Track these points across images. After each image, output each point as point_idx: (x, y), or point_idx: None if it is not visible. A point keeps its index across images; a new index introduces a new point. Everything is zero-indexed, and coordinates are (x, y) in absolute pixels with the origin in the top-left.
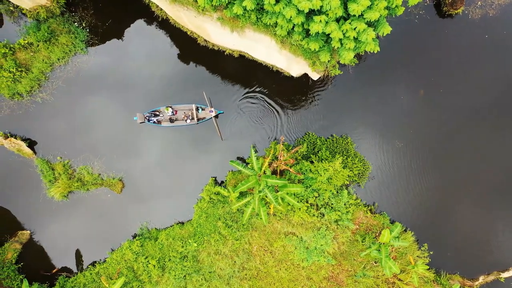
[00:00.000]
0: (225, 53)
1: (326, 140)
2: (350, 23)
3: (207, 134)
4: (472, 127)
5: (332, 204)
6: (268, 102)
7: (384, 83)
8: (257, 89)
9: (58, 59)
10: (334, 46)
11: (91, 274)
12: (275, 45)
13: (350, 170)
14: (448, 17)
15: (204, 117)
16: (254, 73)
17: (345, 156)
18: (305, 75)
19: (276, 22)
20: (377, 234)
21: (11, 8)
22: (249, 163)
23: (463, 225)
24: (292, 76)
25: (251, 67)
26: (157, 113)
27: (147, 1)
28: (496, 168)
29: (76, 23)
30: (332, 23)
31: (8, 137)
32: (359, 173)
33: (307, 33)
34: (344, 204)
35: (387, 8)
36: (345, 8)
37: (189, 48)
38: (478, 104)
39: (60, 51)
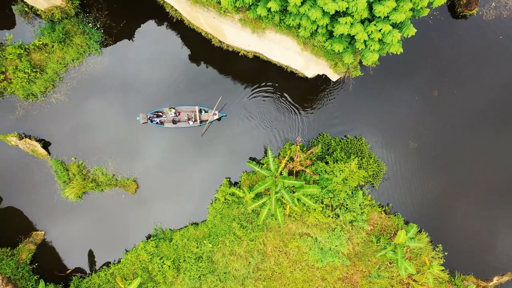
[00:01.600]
0: (240, 54)
1: (341, 141)
2: (375, 24)
3: (217, 135)
4: (488, 128)
5: (347, 205)
6: (280, 103)
7: (398, 84)
8: (270, 89)
9: (73, 60)
10: (358, 48)
11: (105, 274)
12: (297, 46)
13: (365, 171)
14: (462, 18)
15: (207, 119)
16: (267, 74)
17: (359, 157)
18: (319, 76)
19: (300, 23)
20: (392, 235)
21: (26, 9)
22: (263, 164)
23: (477, 226)
24: (306, 77)
25: (264, 68)
26: (160, 113)
27: (161, 2)
28: None
29: (90, 24)
30: (357, 25)
31: (22, 138)
32: (374, 174)
33: (330, 34)
34: (359, 205)
35: (411, 9)
36: (370, 10)
37: (203, 48)
38: (493, 105)
39: (75, 52)
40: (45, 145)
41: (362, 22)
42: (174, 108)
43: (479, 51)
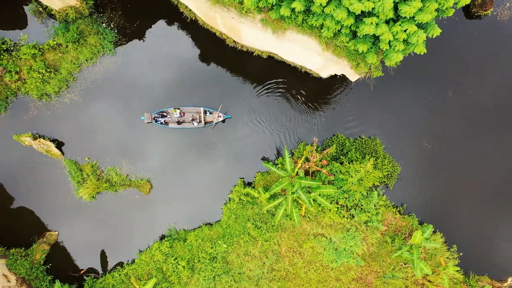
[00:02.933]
0: (254, 54)
1: (355, 141)
2: (400, 24)
3: (228, 135)
4: (504, 128)
5: (362, 205)
6: (293, 103)
7: (412, 84)
8: (282, 90)
9: (86, 60)
10: (382, 48)
11: (119, 275)
12: (318, 47)
13: (380, 171)
14: (476, 18)
15: (212, 121)
16: (280, 74)
17: (374, 157)
18: (334, 76)
19: (323, 23)
20: (407, 236)
21: (40, 9)
22: (277, 164)
23: (492, 226)
24: (320, 77)
25: (278, 68)
26: (165, 114)
27: (175, 2)
28: None
29: (104, 24)
30: (382, 25)
31: (37, 138)
32: (388, 174)
33: (353, 34)
34: (374, 206)
35: (436, 10)
36: (395, 10)
37: (216, 49)
38: (508, 105)
39: (89, 52)
40: (59, 145)
41: (387, 22)
42: (179, 108)
43: (493, 52)
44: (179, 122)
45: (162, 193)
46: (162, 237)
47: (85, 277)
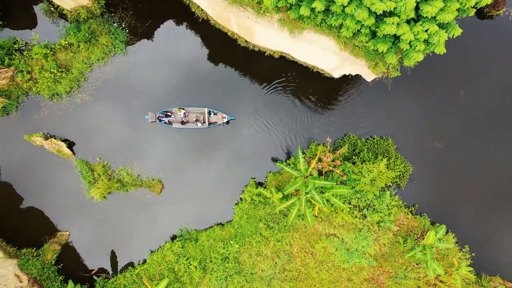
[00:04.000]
0: (265, 54)
1: (367, 141)
2: (421, 24)
3: (237, 135)
4: None
5: (374, 205)
6: (304, 103)
7: (424, 85)
8: (293, 90)
9: (98, 60)
10: (403, 48)
11: (131, 275)
12: (335, 46)
13: (392, 172)
14: (488, 18)
15: (216, 122)
16: (291, 74)
17: (386, 157)
18: (345, 76)
19: (342, 23)
20: (419, 236)
21: (52, 8)
22: (289, 164)
23: (503, 226)
24: (332, 78)
25: (289, 68)
26: (169, 113)
27: (187, 2)
28: None
29: (115, 24)
30: (403, 25)
31: (48, 138)
32: (400, 175)
33: (372, 34)
34: (387, 206)
35: (457, 9)
36: (415, 10)
37: (227, 49)
38: None
39: (100, 51)
40: (69, 145)
41: (407, 22)
42: (183, 108)
43: (505, 52)
44: (183, 122)
45: (173, 193)
46: (173, 237)
47: (94, 277)
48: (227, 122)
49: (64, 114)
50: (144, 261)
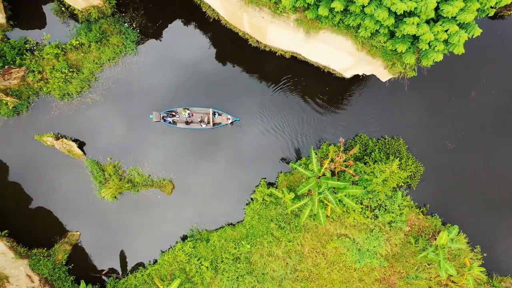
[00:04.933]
0: (277, 54)
1: (378, 142)
2: (441, 24)
3: (246, 136)
4: None
5: (386, 205)
6: (315, 103)
7: (435, 84)
8: (303, 90)
9: (109, 60)
10: (422, 48)
11: (142, 275)
12: (351, 46)
13: (404, 172)
14: (499, 18)
15: (220, 123)
16: (301, 74)
17: (398, 158)
18: (357, 76)
19: (360, 23)
20: (430, 236)
21: (63, 8)
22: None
23: None
24: (343, 78)
25: (299, 68)
26: (174, 113)
27: (198, 2)
28: None
29: (126, 24)
30: (423, 25)
31: (59, 138)
32: (411, 175)
33: (391, 34)
34: (398, 206)
35: (476, 10)
36: (435, 10)
37: (237, 49)
38: None
39: (111, 51)
40: (80, 145)
41: (427, 22)
42: (188, 109)
43: None
44: (187, 123)
45: (183, 193)
46: (184, 238)
47: (103, 278)
48: (232, 123)
49: (74, 114)
50: (155, 261)
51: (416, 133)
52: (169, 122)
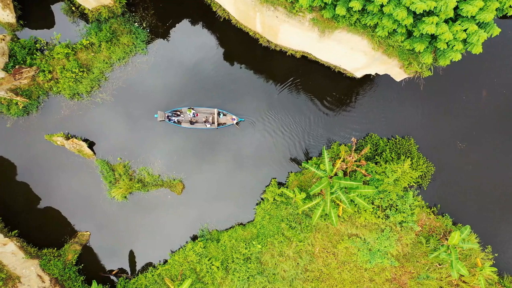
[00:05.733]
0: (287, 54)
1: (389, 141)
2: (460, 24)
3: (254, 137)
4: None
5: (397, 205)
6: (324, 103)
7: (445, 84)
8: (312, 89)
9: (119, 60)
10: (440, 48)
11: (152, 275)
12: (366, 46)
13: (415, 172)
14: (510, 18)
15: (225, 123)
16: (311, 74)
17: (409, 157)
18: (367, 76)
19: (377, 23)
20: (441, 236)
21: (73, 8)
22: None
23: None
24: (353, 78)
25: (309, 68)
26: (179, 113)
27: (208, 1)
28: None
29: (136, 23)
30: (442, 24)
31: (69, 138)
32: (422, 175)
33: (408, 34)
34: (409, 206)
35: (496, 9)
36: (454, 9)
37: (246, 48)
38: None
39: (121, 51)
40: (90, 145)
41: (445, 21)
42: (193, 109)
43: None
44: (191, 122)
45: (194, 193)
46: (194, 238)
47: (112, 277)
48: (237, 123)
49: (84, 114)
50: (165, 262)
51: (427, 133)
52: (174, 122)
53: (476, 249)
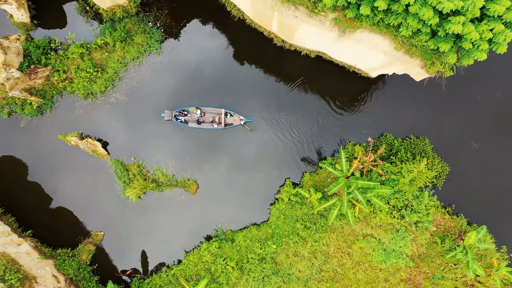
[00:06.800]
0: (301, 54)
1: (403, 141)
2: (486, 23)
3: (266, 137)
4: None
5: (412, 205)
6: (337, 103)
7: (460, 84)
8: (326, 89)
9: (133, 59)
10: (465, 47)
11: (167, 275)
12: (388, 46)
13: (431, 172)
14: None
15: (232, 123)
16: (324, 74)
17: (424, 157)
18: (381, 76)
19: (401, 22)
20: (456, 236)
21: (87, 8)
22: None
23: None
24: (367, 78)
25: (322, 68)
26: (186, 112)
27: (223, 1)
28: None
29: (150, 23)
30: (468, 24)
31: (84, 138)
32: (437, 175)
33: (432, 33)
34: (425, 206)
35: None
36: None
37: (260, 48)
38: None
39: (136, 51)
40: (104, 145)
41: (471, 21)
42: (200, 108)
43: None
44: (198, 122)
45: (208, 193)
46: (208, 238)
47: (124, 278)
48: (245, 123)
49: (98, 114)
50: (179, 262)
51: (441, 132)
52: (181, 121)
53: (491, 249)
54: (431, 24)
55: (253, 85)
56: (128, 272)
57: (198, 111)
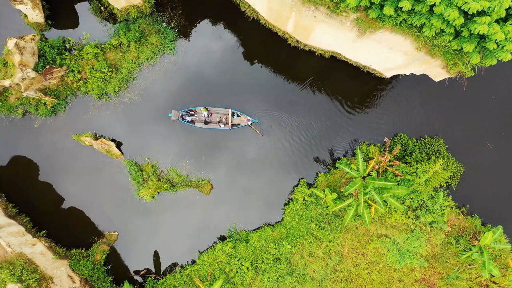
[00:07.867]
0: (316, 54)
1: (418, 142)
2: (511, 24)
3: (279, 138)
4: None
5: (427, 206)
6: (351, 103)
7: (474, 83)
8: (339, 89)
9: (147, 59)
10: (489, 48)
11: (181, 276)
12: (408, 46)
13: (446, 172)
14: None
15: (239, 124)
16: (339, 74)
17: (439, 158)
18: (396, 76)
19: (424, 22)
20: (471, 237)
21: (102, 8)
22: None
23: None
24: (382, 78)
25: (336, 68)
26: (192, 112)
27: (237, 1)
28: None
29: (164, 23)
30: (494, 24)
31: (98, 138)
32: (452, 175)
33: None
34: (440, 206)
35: None
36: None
37: (275, 49)
38: None
39: (150, 51)
40: (117, 145)
41: (496, 21)
42: (207, 108)
43: None
44: (206, 122)
45: (222, 193)
46: (222, 238)
47: (136, 278)
48: (252, 124)
49: (112, 114)
50: (193, 262)
51: (455, 133)
52: (188, 121)
53: (507, 249)
54: (455, 25)
55: (267, 85)
56: (141, 272)
57: (206, 112)
